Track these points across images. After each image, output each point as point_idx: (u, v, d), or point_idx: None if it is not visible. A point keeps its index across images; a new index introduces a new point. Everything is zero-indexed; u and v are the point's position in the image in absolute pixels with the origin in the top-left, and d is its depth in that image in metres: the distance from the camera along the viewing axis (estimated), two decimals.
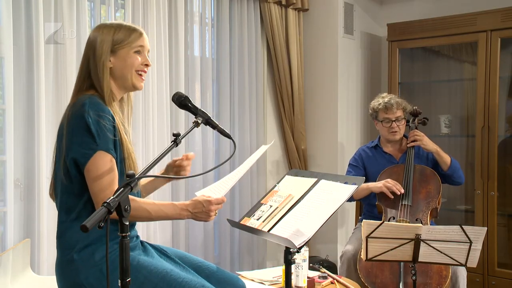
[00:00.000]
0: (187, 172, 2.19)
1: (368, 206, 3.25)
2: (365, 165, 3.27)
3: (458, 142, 4.19)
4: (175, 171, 2.17)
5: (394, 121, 3.14)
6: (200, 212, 1.87)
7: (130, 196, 1.79)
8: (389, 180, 2.95)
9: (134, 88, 1.93)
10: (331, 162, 4.22)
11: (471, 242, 2.15)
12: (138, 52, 1.90)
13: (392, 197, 2.92)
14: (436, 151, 3.09)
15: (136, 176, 1.49)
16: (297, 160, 4.15)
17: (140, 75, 1.92)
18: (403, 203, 2.90)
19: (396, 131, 3.16)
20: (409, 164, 3.06)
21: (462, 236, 2.15)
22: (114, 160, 1.77)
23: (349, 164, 3.32)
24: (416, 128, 3.25)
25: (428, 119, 3.34)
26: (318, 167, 4.25)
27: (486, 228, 2.15)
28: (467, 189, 4.11)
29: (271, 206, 2.03)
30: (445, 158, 3.09)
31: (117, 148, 1.80)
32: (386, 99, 3.16)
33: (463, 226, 2.13)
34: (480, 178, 3.72)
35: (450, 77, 4.32)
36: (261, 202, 2.12)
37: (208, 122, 1.90)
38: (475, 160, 3.76)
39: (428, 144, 3.11)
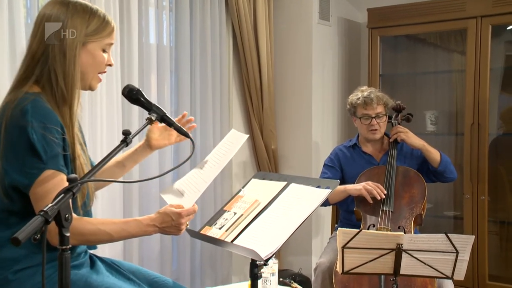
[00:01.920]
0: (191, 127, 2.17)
1: (346, 213, 3.28)
2: (342, 167, 3.30)
3: (445, 141, 4.26)
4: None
5: (374, 117, 3.17)
6: (169, 226, 1.86)
7: (86, 219, 1.77)
8: (369, 182, 2.99)
9: (90, 88, 1.85)
10: (304, 163, 4.24)
11: (457, 252, 2.18)
12: (105, 50, 1.83)
13: (371, 201, 2.95)
14: (423, 146, 3.13)
15: (79, 181, 1.47)
16: (266, 161, 4.16)
17: (100, 75, 1.85)
18: (384, 209, 2.94)
19: (376, 129, 3.20)
20: (391, 165, 3.10)
21: (448, 246, 2.18)
22: (65, 178, 1.66)
23: (324, 165, 3.35)
24: (399, 125, 3.30)
25: (412, 115, 3.38)
26: (290, 169, 4.27)
27: (473, 236, 2.18)
28: (456, 193, 4.18)
29: (235, 214, 2.04)
30: (434, 154, 3.14)
31: (68, 164, 1.73)
32: (365, 93, 3.19)
33: (448, 234, 2.16)
34: (469, 181, 3.78)
35: (437, 68, 4.38)
36: (224, 209, 2.12)
37: (163, 119, 1.88)
38: (463, 161, 3.82)
39: (413, 139, 3.16)
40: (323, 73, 4.34)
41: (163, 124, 2.01)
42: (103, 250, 3.07)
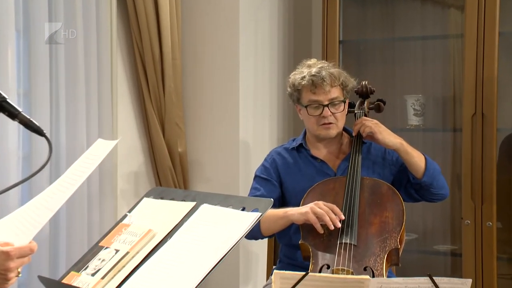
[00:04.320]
0: None
1: (288, 249, 3.31)
2: (281, 179, 3.32)
3: (436, 140, 4.37)
4: None
5: (327, 105, 3.19)
6: None
7: None
8: (320, 202, 3.01)
9: None
10: (227, 173, 4.26)
11: None
12: None
13: (322, 231, 2.97)
14: (400, 145, 3.15)
15: None
16: (170, 171, 4.17)
17: None
18: (343, 241, 2.95)
19: (330, 124, 3.21)
20: (354, 176, 3.13)
21: None
22: None
23: (255, 177, 3.36)
24: (366, 116, 3.35)
25: (385, 102, 3.43)
26: (207, 183, 4.31)
27: (470, 280, 2.22)
28: (452, 217, 4.28)
29: (117, 251, 2.04)
30: (416, 157, 3.17)
31: None
32: (313, 70, 3.19)
33: (434, 278, 2.21)
34: (470, 199, 3.87)
35: (425, 32, 4.47)
36: (101, 244, 2.13)
37: (2, 107, 1.86)
38: (462, 170, 3.91)
39: (386, 134, 3.17)
40: (256, 40, 4.37)
41: None
42: None
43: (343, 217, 2.97)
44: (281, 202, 3.27)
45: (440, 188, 3.27)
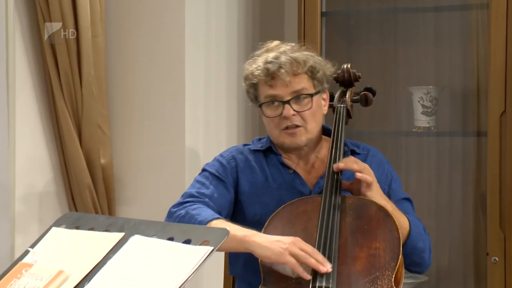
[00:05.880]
0: None
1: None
2: (239, 185, 3.31)
3: (453, 147, 4.44)
4: None
5: (288, 102, 3.18)
6: None
7: None
8: (299, 240, 2.92)
9: None
10: (169, 194, 4.21)
11: None
12: None
13: (310, 277, 2.94)
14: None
15: None
16: (89, 191, 4.19)
17: None
18: (318, 284, 2.94)
19: (296, 127, 3.20)
20: (331, 194, 3.12)
21: None
22: None
23: (204, 171, 3.34)
24: (349, 111, 3.38)
25: (375, 92, 3.46)
26: (139, 207, 4.35)
27: None
28: (476, 252, 4.32)
29: None
30: (400, 229, 3.09)
31: None
32: (271, 55, 3.18)
33: None
34: (499, 228, 3.91)
35: (439, 1, 4.54)
36: None
37: None
38: (486, 188, 3.96)
39: (374, 193, 3.12)
40: (208, 12, 4.41)
41: None
42: None
43: (330, 270, 2.88)
44: (231, 213, 3.28)
45: (411, 265, 3.28)
